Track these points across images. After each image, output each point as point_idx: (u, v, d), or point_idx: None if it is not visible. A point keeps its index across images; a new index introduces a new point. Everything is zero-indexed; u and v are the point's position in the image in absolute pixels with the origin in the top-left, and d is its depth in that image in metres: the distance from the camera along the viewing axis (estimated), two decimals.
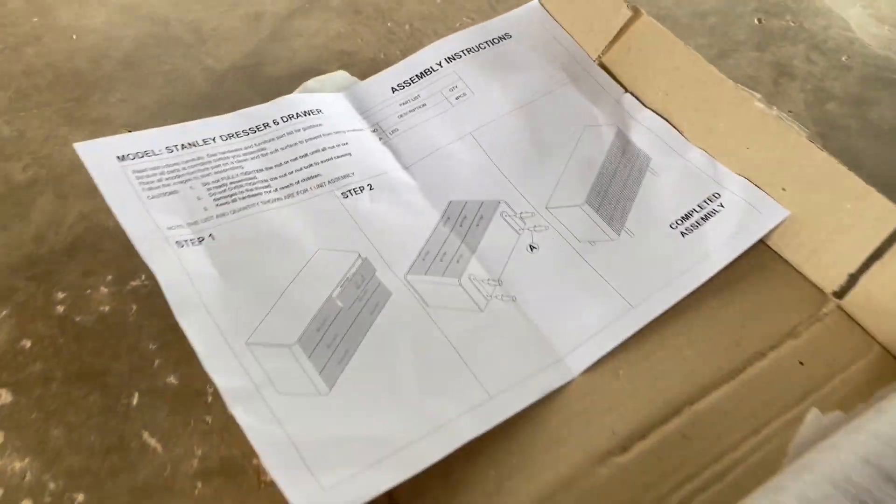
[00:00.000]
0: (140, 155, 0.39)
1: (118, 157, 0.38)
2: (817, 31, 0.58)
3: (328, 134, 0.44)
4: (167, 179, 0.38)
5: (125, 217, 0.35)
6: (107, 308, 0.41)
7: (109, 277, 0.42)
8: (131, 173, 0.38)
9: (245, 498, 0.35)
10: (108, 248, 0.44)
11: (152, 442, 0.37)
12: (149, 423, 0.37)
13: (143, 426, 0.37)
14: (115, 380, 0.39)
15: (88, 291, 0.42)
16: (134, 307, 0.41)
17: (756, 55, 0.56)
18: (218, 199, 0.38)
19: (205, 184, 0.39)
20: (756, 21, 0.59)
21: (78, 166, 0.45)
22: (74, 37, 0.56)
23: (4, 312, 0.41)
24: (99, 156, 0.38)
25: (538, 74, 0.49)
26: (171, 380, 0.39)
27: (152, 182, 0.38)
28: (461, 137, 0.45)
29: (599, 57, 0.50)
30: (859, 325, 0.41)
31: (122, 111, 0.51)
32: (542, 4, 0.52)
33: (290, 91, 0.52)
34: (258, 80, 0.54)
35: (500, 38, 0.50)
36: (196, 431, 0.37)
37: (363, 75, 0.53)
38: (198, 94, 0.53)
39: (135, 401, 0.38)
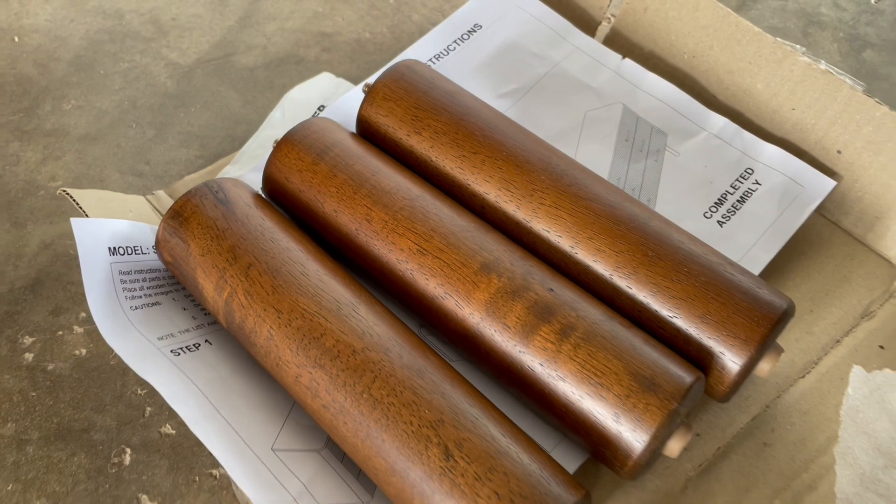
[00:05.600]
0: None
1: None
2: None
3: None
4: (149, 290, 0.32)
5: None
6: (84, 351, 0.36)
7: (83, 315, 0.37)
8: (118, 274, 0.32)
9: None
10: (77, 280, 0.38)
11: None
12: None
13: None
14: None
15: (60, 333, 0.36)
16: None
17: (780, 4, 0.51)
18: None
19: (188, 295, 0.33)
20: None
21: (36, 188, 0.40)
22: (16, 38, 0.49)
23: None
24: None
25: (519, 65, 0.43)
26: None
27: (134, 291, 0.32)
28: None
29: (610, 18, 0.45)
30: None
31: (79, 119, 0.45)
32: None
33: (266, 83, 0.46)
34: (231, 74, 0.48)
35: (470, 32, 0.44)
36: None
37: (349, 60, 0.48)
38: (163, 93, 0.47)
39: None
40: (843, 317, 0.36)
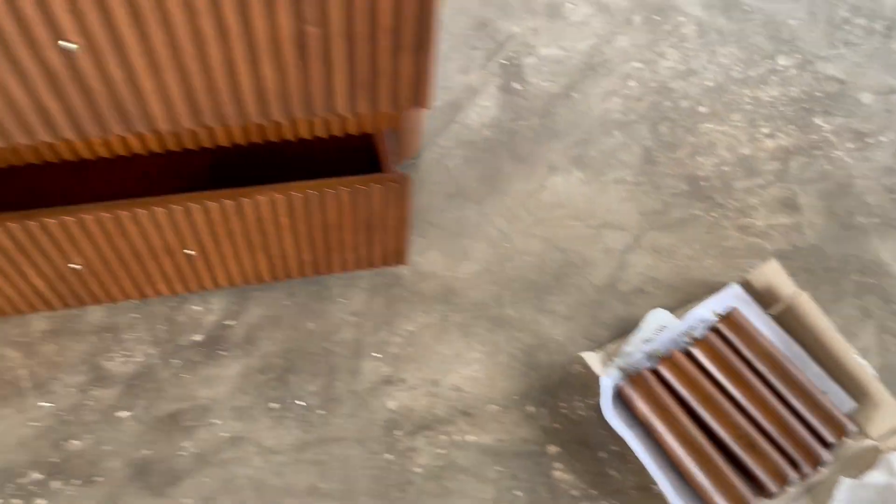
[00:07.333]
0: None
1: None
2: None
3: None
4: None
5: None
6: (583, 414, 1.04)
7: (578, 398, 1.05)
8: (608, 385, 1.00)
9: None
10: (570, 382, 1.06)
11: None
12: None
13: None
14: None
15: (573, 403, 1.05)
16: None
17: (858, 307, 1.17)
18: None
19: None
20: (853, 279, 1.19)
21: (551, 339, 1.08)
22: (527, 258, 1.17)
23: None
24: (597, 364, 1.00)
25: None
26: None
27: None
28: None
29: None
30: None
31: (558, 308, 1.13)
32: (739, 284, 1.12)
33: (631, 300, 1.14)
34: (615, 295, 1.15)
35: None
36: None
37: (661, 303, 1.15)
38: (588, 301, 1.14)
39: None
40: None
